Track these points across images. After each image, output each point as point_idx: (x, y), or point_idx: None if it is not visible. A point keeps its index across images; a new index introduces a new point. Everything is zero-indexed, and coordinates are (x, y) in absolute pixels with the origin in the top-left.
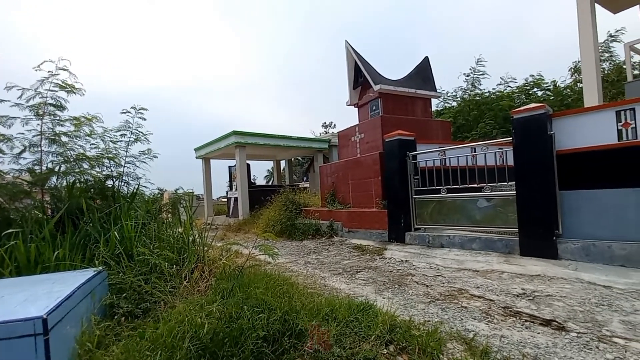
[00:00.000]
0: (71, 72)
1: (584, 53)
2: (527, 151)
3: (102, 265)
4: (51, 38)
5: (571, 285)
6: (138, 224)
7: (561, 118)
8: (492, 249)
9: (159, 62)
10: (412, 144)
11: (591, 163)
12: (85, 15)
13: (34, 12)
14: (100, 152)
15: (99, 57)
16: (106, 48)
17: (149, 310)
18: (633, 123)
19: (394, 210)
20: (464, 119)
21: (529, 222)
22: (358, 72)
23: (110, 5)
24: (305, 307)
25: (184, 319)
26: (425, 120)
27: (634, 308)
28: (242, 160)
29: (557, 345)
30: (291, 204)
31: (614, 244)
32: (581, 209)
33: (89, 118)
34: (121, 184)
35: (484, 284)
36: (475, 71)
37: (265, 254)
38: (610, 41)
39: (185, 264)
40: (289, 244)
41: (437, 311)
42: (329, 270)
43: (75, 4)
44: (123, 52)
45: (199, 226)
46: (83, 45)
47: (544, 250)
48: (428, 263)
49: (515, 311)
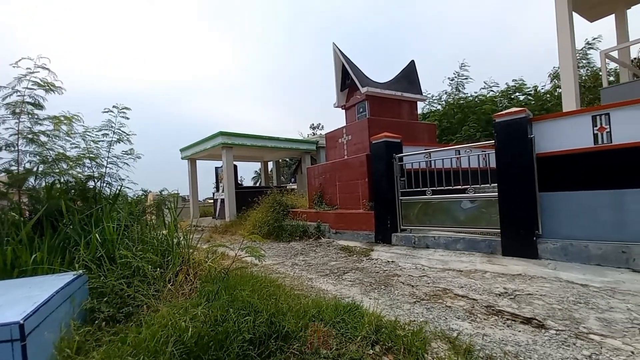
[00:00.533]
0: (50, 70)
1: (562, 59)
2: (508, 154)
3: (83, 269)
4: (28, 30)
5: (550, 284)
6: (120, 226)
7: (541, 122)
8: (475, 249)
9: (145, 61)
10: (399, 146)
11: (568, 166)
12: (71, 12)
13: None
14: (81, 152)
15: (83, 53)
16: (91, 44)
17: (131, 315)
18: (608, 127)
19: (381, 212)
20: (448, 122)
21: (511, 223)
22: (345, 75)
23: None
24: (291, 309)
25: (167, 322)
26: (411, 123)
27: (609, 305)
28: (229, 161)
29: (537, 343)
30: (279, 205)
31: (591, 244)
32: (560, 210)
33: (69, 117)
34: (103, 185)
35: (468, 283)
36: (459, 75)
37: (251, 255)
38: (587, 48)
39: (169, 266)
40: (276, 246)
41: (422, 311)
42: (316, 271)
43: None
44: (108, 50)
45: (184, 228)
46: (69, 42)
47: (525, 250)
48: (414, 264)
49: (498, 310)
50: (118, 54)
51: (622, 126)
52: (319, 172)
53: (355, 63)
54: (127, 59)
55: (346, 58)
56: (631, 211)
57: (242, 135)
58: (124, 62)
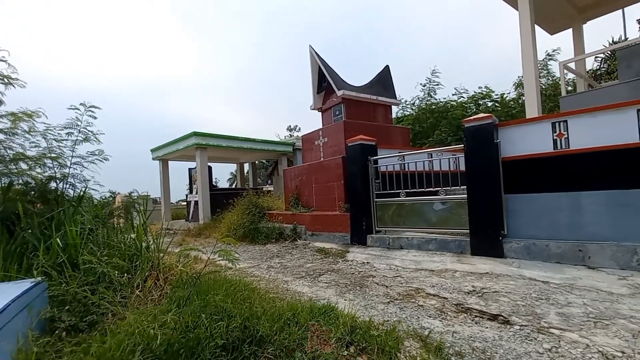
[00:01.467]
0: (10, 64)
1: (525, 69)
2: (476, 158)
3: (42, 276)
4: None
5: (515, 281)
6: (85, 229)
7: (506, 128)
8: (446, 250)
9: (112, 58)
10: (374, 148)
11: (531, 169)
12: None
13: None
14: (41, 151)
15: (44, 48)
16: (56, 39)
17: (95, 323)
18: (566, 134)
19: (356, 214)
20: (420, 126)
21: (479, 224)
22: (322, 77)
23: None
24: (266, 312)
25: (134, 330)
26: (386, 126)
27: (567, 301)
28: (203, 163)
29: (503, 338)
30: (254, 207)
31: (551, 243)
32: (523, 212)
33: (29, 114)
34: (66, 187)
35: (439, 282)
36: (431, 81)
37: (225, 259)
38: (548, 59)
39: (137, 272)
40: (252, 248)
41: (395, 310)
42: (292, 274)
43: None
44: (74, 45)
45: (155, 231)
46: (31, 36)
47: (492, 249)
48: (388, 264)
49: (467, 307)
50: (84, 49)
51: (579, 132)
52: (296, 174)
53: (331, 66)
54: (94, 54)
55: (322, 61)
56: (587, 212)
57: (217, 136)
58: (90, 58)
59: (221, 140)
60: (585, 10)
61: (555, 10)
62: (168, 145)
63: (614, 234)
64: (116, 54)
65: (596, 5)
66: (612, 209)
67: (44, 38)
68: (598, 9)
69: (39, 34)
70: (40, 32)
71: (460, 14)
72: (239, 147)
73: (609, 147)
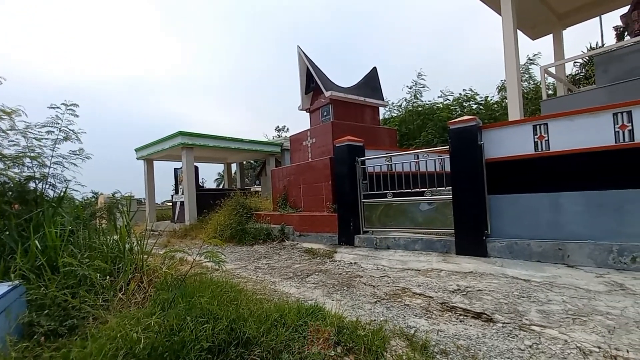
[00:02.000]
0: None
1: (508, 73)
2: (461, 159)
3: (19, 279)
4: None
5: (498, 280)
6: (65, 231)
7: (489, 130)
8: (432, 249)
9: (94, 55)
10: (361, 149)
11: (513, 170)
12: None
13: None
14: (20, 150)
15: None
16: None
17: (76, 328)
18: (546, 136)
19: (344, 214)
20: (407, 128)
21: (463, 224)
22: (310, 78)
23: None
24: (253, 314)
25: (117, 334)
26: (373, 128)
27: (547, 298)
28: (190, 163)
29: (486, 336)
30: (242, 208)
31: (532, 242)
32: (506, 212)
33: (8, 111)
34: (46, 187)
35: (425, 282)
36: (417, 84)
37: (211, 261)
38: (529, 64)
39: (120, 274)
40: (239, 249)
41: (382, 310)
42: (280, 274)
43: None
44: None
45: (139, 232)
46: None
47: (476, 249)
48: (375, 264)
49: (451, 306)
50: (65, 46)
51: (558, 135)
52: (284, 175)
53: (319, 67)
54: (75, 51)
55: (311, 61)
56: (566, 212)
57: (204, 136)
58: (71, 55)
59: (208, 140)
60: (565, 17)
61: (537, 16)
62: (153, 144)
63: (592, 233)
64: (104, 53)
65: (575, 12)
66: (590, 209)
67: (43, 38)
68: (577, 16)
69: (39, 35)
70: (39, 33)
71: (445, 17)
72: (226, 147)
73: (586, 149)
